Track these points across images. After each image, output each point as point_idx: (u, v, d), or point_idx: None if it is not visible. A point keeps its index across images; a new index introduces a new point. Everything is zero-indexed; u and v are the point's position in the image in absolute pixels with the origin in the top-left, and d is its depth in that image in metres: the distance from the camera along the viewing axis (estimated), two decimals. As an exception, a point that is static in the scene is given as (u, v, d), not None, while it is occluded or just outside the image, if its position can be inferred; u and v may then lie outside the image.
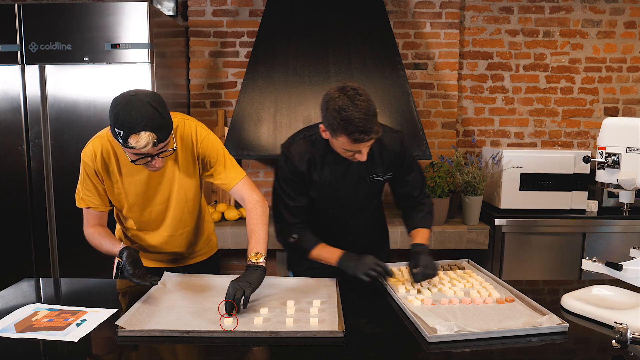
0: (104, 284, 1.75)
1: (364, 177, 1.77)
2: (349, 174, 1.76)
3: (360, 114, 1.49)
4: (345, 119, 1.50)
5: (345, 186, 1.78)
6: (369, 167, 1.76)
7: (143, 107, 1.44)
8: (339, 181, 1.76)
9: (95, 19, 2.69)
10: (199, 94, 3.48)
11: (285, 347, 1.27)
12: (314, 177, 1.75)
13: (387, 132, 1.76)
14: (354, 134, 1.51)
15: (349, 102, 1.50)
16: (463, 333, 1.27)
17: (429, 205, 1.90)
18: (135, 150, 1.47)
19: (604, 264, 1.49)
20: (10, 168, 2.80)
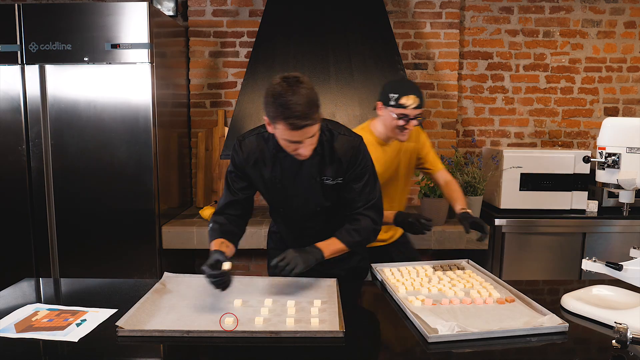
0: (104, 284, 1.75)
1: (315, 177, 1.69)
2: (300, 174, 1.69)
3: (298, 98, 1.45)
4: (282, 104, 1.45)
5: (296, 186, 1.72)
6: (320, 168, 1.69)
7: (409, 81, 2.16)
8: (290, 181, 1.71)
9: (95, 19, 2.69)
10: (199, 94, 3.48)
11: (285, 347, 1.27)
12: (265, 175, 1.72)
13: (343, 134, 1.69)
14: (290, 118, 1.45)
15: (288, 87, 1.46)
16: (463, 333, 1.27)
17: (365, 226, 1.72)
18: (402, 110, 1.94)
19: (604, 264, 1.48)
20: (10, 168, 2.80)
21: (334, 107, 3.08)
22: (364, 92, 3.09)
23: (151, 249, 2.84)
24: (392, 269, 1.83)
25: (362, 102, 3.08)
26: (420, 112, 1.99)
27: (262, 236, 2.90)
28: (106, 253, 2.83)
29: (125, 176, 2.78)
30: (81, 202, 2.81)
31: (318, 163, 1.68)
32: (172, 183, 3.16)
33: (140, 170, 2.78)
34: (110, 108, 2.74)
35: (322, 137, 1.65)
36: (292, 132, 1.48)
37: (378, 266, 1.87)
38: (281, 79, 1.49)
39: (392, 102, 1.95)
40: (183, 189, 3.39)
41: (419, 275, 1.78)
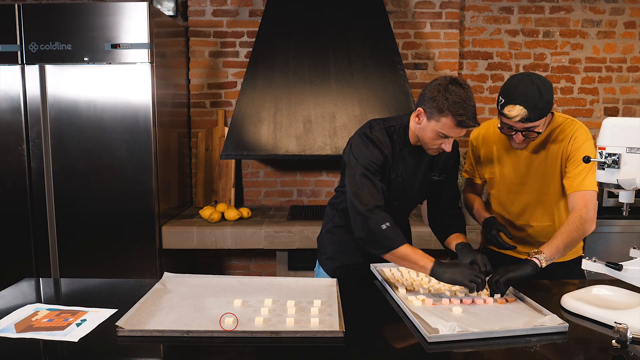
0: (104, 284, 1.75)
1: (427, 174, 1.83)
2: (418, 169, 1.80)
3: (471, 102, 1.58)
4: (457, 102, 1.55)
5: (414, 181, 1.82)
6: (431, 166, 1.82)
7: (531, 85, 1.66)
8: (410, 175, 1.80)
9: (95, 19, 2.69)
10: (199, 94, 3.48)
11: (285, 347, 1.27)
12: (390, 169, 1.77)
13: None
14: (462, 116, 1.56)
15: (462, 89, 1.58)
16: (463, 333, 1.27)
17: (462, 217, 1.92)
18: (505, 120, 1.70)
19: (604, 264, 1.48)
20: (10, 168, 2.80)
21: (334, 107, 3.08)
22: (364, 92, 3.09)
23: (151, 249, 2.84)
24: (392, 269, 1.83)
25: (362, 102, 3.08)
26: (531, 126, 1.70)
27: (261, 236, 2.91)
28: (106, 253, 2.83)
29: (125, 176, 2.78)
30: (81, 202, 2.81)
31: (430, 161, 1.81)
32: (172, 183, 3.16)
33: (140, 170, 2.78)
34: (110, 108, 2.74)
35: None
36: (456, 128, 1.60)
37: (378, 266, 1.87)
38: (451, 79, 1.60)
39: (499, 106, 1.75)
40: (183, 189, 3.39)
41: (419, 275, 1.78)
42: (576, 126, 1.84)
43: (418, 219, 3.10)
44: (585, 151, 1.79)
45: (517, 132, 1.72)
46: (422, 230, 2.91)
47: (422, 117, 1.66)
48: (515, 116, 1.65)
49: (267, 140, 3.02)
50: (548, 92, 1.66)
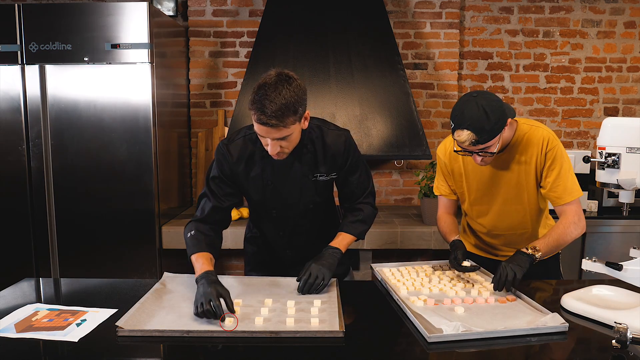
0: (104, 284, 1.75)
1: (307, 176, 1.70)
2: (292, 173, 1.69)
3: (276, 97, 1.43)
4: (259, 97, 1.44)
5: (289, 186, 1.71)
6: (311, 166, 1.69)
7: (476, 108, 1.59)
8: (282, 180, 1.70)
9: (95, 19, 2.69)
10: (199, 94, 3.48)
11: (285, 347, 1.27)
12: (255, 177, 1.70)
13: (332, 130, 1.70)
14: (257, 111, 1.44)
15: (274, 83, 1.45)
16: (462, 333, 1.27)
17: (368, 213, 1.80)
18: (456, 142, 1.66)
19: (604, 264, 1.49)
20: (10, 168, 2.80)
21: (334, 107, 3.08)
22: (364, 92, 3.09)
23: (151, 249, 2.84)
24: (392, 269, 1.83)
25: (362, 102, 3.08)
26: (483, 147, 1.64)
27: (262, 236, 2.90)
28: (106, 253, 2.83)
29: (125, 176, 2.78)
30: (81, 202, 2.81)
31: (310, 161, 1.68)
32: (172, 183, 3.16)
33: (140, 170, 2.78)
34: (110, 108, 2.74)
35: (312, 134, 1.66)
36: (260, 126, 1.48)
37: (378, 266, 1.87)
38: (275, 72, 1.49)
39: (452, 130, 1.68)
40: (183, 189, 3.39)
41: (419, 275, 1.78)
42: (544, 133, 1.75)
43: (418, 219, 3.11)
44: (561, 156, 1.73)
45: (472, 153, 1.67)
46: (423, 230, 2.91)
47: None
48: (464, 141, 1.61)
49: (267, 140, 3.02)
50: (495, 111, 1.58)
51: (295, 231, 1.82)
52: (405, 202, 3.60)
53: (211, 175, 1.72)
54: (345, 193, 1.81)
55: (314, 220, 1.82)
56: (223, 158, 1.69)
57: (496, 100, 1.61)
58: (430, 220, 2.96)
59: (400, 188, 3.59)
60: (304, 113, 1.54)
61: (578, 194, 1.71)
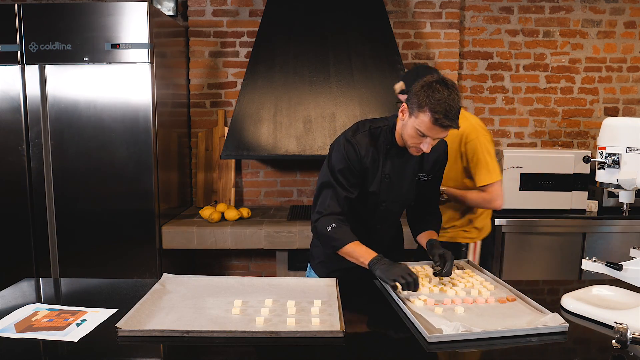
0: (104, 284, 1.75)
1: (416, 174, 1.82)
2: (406, 169, 1.79)
3: (452, 102, 1.54)
4: (437, 99, 1.53)
5: (402, 181, 1.81)
6: (420, 166, 1.81)
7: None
8: (398, 176, 1.79)
9: (95, 19, 2.69)
10: (199, 94, 3.48)
11: (285, 347, 1.27)
12: (378, 170, 1.76)
13: None
14: (438, 113, 1.53)
15: (446, 89, 1.55)
16: (462, 333, 1.27)
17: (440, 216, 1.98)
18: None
19: (604, 264, 1.49)
20: (10, 168, 2.80)
21: (334, 107, 3.08)
22: (364, 92, 3.09)
23: (151, 249, 2.84)
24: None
25: (362, 102, 3.08)
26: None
27: (261, 236, 2.90)
28: (106, 253, 2.83)
29: (125, 176, 2.78)
30: (81, 202, 2.81)
31: (419, 161, 1.80)
32: (172, 183, 3.16)
33: (140, 170, 2.78)
34: (110, 108, 2.74)
35: None
36: (433, 126, 1.56)
37: (378, 266, 1.87)
38: (439, 78, 1.58)
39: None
40: (183, 189, 3.39)
41: (419, 275, 1.77)
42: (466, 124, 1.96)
43: (418, 219, 3.10)
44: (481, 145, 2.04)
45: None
46: (422, 230, 2.91)
47: (405, 113, 1.65)
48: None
49: (267, 140, 3.02)
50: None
51: (392, 225, 1.96)
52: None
53: (338, 167, 1.73)
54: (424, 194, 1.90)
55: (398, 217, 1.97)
56: (352, 149, 1.72)
57: None
58: (430, 220, 2.95)
59: (400, 188, 3.59)
60: None
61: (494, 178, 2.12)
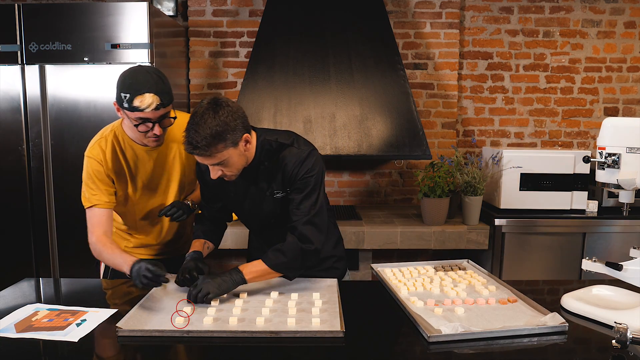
0: (104, 284, 1.75)
1: (265, 191, 1.68)
2: (252, 187, 1.69)
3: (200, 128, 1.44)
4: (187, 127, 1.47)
5: (249, 202, 1.72)
6: (269, 183, 1.67)
7: (148, 74, 1.63)
8: (243, 194, 1.71)
9: (95, 19, 2.69)
10: (199, 94, 3.48)
11: (286, 347, 1.27)
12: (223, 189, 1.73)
13: (295, 147, 1.64)
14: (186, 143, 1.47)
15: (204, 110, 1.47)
16: (463, 333, 1.27)
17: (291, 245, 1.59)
18: (138, 114, 1.60)
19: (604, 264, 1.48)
20: (10, 168, 2.80)
21: (334, 107, 3.08)
22: (364, 92, 3.09)
23: (151, 249, 2.84)
24: (393, 269, 1.83)
25: (362, 102, 3.08)
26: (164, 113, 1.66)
27: (262, 236, 2.90)
28: (106, 253, 2.83)
29: (125, 176, 2.78)
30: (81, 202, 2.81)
31: (266, 177, 1.66)
32: (172, 183, 3.15)
33: (140, 170, 2.78)
34: (110, 108, 2.74)
35: (269, 150, 1.63)
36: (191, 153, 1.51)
37: (379, 266, 1.87)
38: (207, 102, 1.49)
39: (125, 104, 1.60)
40: (183, 189, 3.39)
41: (421, 276, 1.78)
42: None
43: (418, 219, 3.11)
44: None
45: (154, 123, 1.64)
46: (423, 230, 2.91)
47: None
48: (149, 104, 1.58)
49: (267, 140, 3.02)
50: (165, 77, 1.68)
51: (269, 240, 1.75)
52: (405, 202, 3.60)
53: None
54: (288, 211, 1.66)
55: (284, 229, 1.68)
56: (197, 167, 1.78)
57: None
58: (430, 220, 2.96)
59: (400, 188, 3.59)
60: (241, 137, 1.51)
61: None
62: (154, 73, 1.64)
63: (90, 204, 1.77)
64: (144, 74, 1.61)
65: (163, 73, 1.69)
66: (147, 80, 1.60)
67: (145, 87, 1.59)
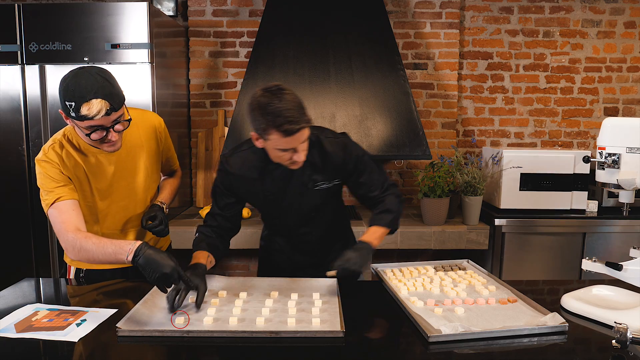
0: (104, 284, 1.75)
1: (307, 185, 1.70)
2: (291, 183, 1.70)
3: (286, 104, 1.45)
4: (271, 113, 1.44)
5: (289, 197, 1.73)
6: (311, 176, 1.69)
7: (92, 77, 1.47)
8: (281, 192, 1.72)
9: (95, 19, 2.69)
10: (199, 94, 3.48)
11: (286, 347, 1.27)
12: (255, 190, 1.72)
13: (329, 137, 1.70)
14: (283, 125, 1.44)
15: (273, 96, 1.46)
16: (464, 333, 1.27)
17: (392, 202, 1.76)
18: (88, 122, 1.47)
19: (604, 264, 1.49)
20: (10, 168, 2.80)
21: (334, 107, 3.08)
22: (364, 92, 3.09)
23: (151, 249, 2.84)
24: (393, 269, 1.83)
25: (362, 102, 3.08)
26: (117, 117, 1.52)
27: (262, 236, 2.90)
28: (106, 253, 2.83)
29: (125, 176, 2.78)
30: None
31: (309, 170, 1.68)
32: (172, 183, 3.15)
33: (140, 170, 2.78)
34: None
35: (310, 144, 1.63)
36: (287, 138, 1.47)
37: (379, 266, 1.87)
38: (262, 90, 1.49)
39: (72, 112, 1.46)
40: (183, 189, 3.39)
41: (421, 275, 1.78)
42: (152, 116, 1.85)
43: (418, 219, 3.11)
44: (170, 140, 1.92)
45: (108, 130, 1.52)
46: (423, 230, 2.91)
47: (259, 140, 1.56)
48: (98, 111, 1.44)
49: (267, 140, 3.02)
50: (111, 76, 1.51)
51: (301, 239, 1.86)
52: (405, 202, 3.60)
53: (215, 184, 1.77)
54: (362, 195, 1.80)
55: (320, 226, 1.85)
56: (224, 171, 1.73)
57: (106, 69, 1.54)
58: (430, 220, 2.96)
59: (400, 188, 3.59)
60: None
61: None
62: (97, 75, 1.47)
63: (53, 198, 1.56)
64: (87, 78, 1.45)
65: (109, 72, 1.53)
66: (91, 84, 1.44)
67: (90, 92, 1.43)
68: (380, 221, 1.74)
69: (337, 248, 1.85)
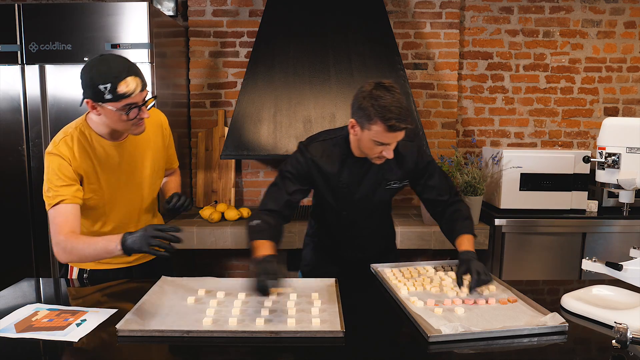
0: (104, 284, 1.75)
1: (381, 183, 1.80)
2: (367, 178, 1.79)
3: (397, 102, 1.55)
4: (382, 106, 1.54)
5: (362, 190, 1.80)
6: (385, 174, 1.79)
7: (117, 58, 1.56)
8: (356, 185, 1.79)
9: (95, 19, 2.69)
10: (199, 94, 3.48)
11: (286, 347, 1.27)
12: (331, 180, 1.77)
13: (404, 140, 1.73)
14: (390, 120, 1.53)
15: (386, 92, 1.56)
16: (464, 333, 1.27)
17: (466, 209, 1.84)
18: (126, 100, 1.52)
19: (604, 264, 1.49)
20: (10, 168, 2.80)
21: (334, 107, 3.08)
22: (364, 92, 3.09)
23: (151, 249, 2.84)
24: (393, 270, 1.83)
25: (362, 102, 3.08)
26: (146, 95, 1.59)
27: (262, 236, 2.90)
28: (106, 253, 2.83)
29: (125, 176, 2.78)
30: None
31: (384, 168, 1.78)
32: (172, 183, 3.15)
33: (140, 170, 2.78)
34: (110, 108, 2.74)
35: None
36: (388, 133, 1.57)
37: (378, 266, 1.87)
38: (376, 85, 1.59)
39: (108, 95, 1.51)
40: (183, 189, 3.38)
41: (421, 276, 1.78)
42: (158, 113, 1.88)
43: (418, 219, 3.11)
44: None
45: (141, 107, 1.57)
46: (423, 230, 2.91)
47: (356, 128, 1.65)
48: (135, 87, 1.52)
49: (267, 140, 3.02)
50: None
51: (361, 233, 1.92)
52: (405, 202, 3.60)
53: (286, 169, 1.77)
54: (430, 200, 1.87)
55: (377, 223, 1.96)
56: (302, 158, 1.76)
57: None
58: (430, 220, 2.95)
59: (400, 188, 3.59)
60: None
61: None
62: (119, 57, 1.56)
63: (56, 200, 1.58)
64: (114, 60, 1.54)
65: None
66: (121, 64, 1.52)
67: (123, 72, 1.51)
68: (466, 229, 1.79)
69: (382, 245, 2.02)
